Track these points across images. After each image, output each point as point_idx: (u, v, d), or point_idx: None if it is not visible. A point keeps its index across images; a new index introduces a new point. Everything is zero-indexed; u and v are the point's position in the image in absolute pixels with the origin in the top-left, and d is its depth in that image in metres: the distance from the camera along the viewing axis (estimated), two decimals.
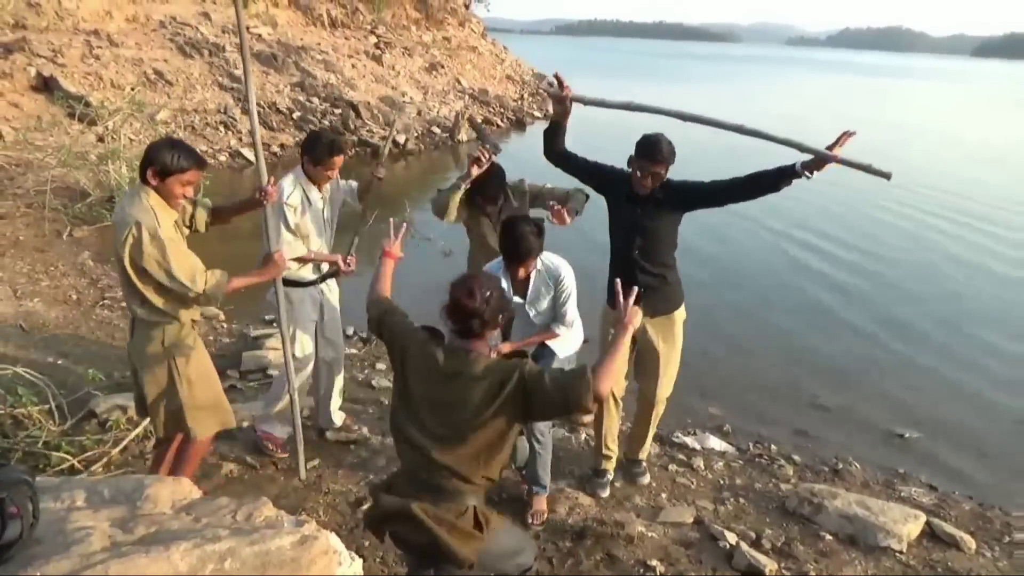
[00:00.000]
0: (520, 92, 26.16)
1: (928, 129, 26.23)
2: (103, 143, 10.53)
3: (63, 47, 13.30)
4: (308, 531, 1.75)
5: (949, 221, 11.97)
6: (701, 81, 49.18)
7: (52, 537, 1.56)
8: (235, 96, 14.73)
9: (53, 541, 1.55)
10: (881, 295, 8.31)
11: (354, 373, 5.57)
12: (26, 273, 6.73)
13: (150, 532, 1.64)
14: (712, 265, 8.87)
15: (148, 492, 1.83)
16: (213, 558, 1.53)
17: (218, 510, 1.81)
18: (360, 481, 3.89)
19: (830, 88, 48.66)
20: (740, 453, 4.80)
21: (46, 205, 8.38)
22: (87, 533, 1.57)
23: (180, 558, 1.50)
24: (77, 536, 1.55)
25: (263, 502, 1.89)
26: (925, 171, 16.07)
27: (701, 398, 5.50)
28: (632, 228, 3.58)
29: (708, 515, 3.87)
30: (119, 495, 1.83)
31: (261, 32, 17.68)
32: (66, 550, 1.49)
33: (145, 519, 1.71)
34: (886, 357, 6.67)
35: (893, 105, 37.04)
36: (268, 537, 1.66)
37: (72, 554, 1.48)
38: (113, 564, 1.42)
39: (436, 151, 16.61)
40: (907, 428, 5.35)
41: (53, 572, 1.40)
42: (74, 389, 4.48)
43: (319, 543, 1.71)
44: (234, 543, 1.59)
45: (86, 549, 1.50)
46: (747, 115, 21.89)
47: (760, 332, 7.09)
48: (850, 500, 3.94)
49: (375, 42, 22.12)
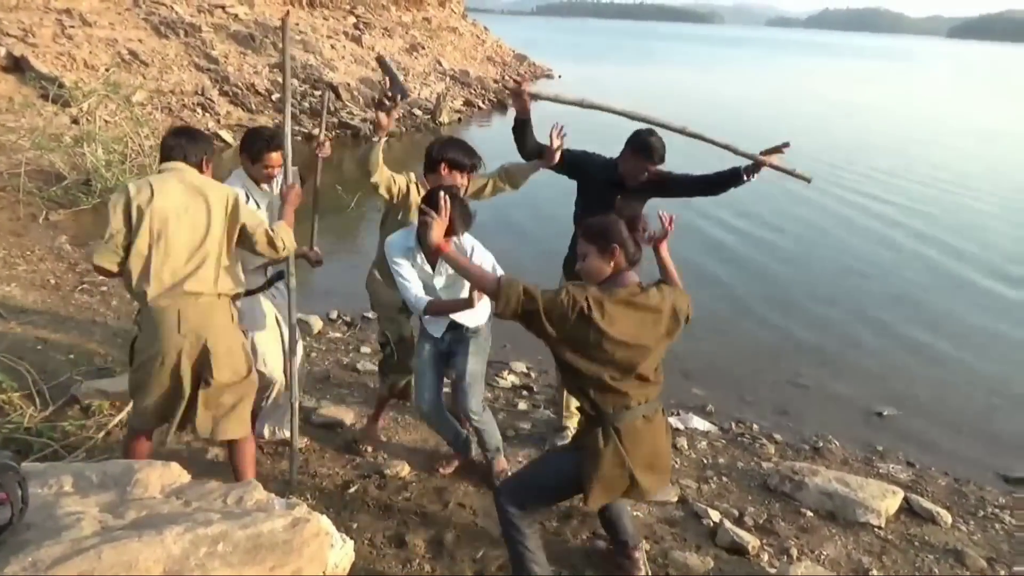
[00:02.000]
0: (501, 73, 26.01)
1: (895, 111, 26.49)
2: (77, 125, 10.35)
3: (34, 26, 13.01)
4: (299, 514, 1.76)
5: (922, 204, 12.11)
6: (687, 65, 49.15)
7: (42, 522, 1.56)
8: (212, 77, 14.52)
9: (43, 526, 1.54)
10: (859, 276, 8.42)
11: (338, 357, 5.56)
12: (2, 258, 6.62)
13: (141, 516, 1.63)
14: (692, 248, 8.92)
15: (138, 476, 1.82)
16: (205, 541, 1.53)
17: (208, 494, 1.81)
18: (347, 464, 3.89)
19: (812, 74, 48.83)
20: (723, 432, 4.87)
21: (20, 188, 8.24)
22: (77, 518, 1.56)
23: (173, 542, 1.50)
24: (67, 521, 1.55)
25: (253, 485, 1.89)
26: (914, 158, 16.26)
27: (684, 379, 5.55)
28: (610, 211, 3.60)
29: (692, 494, 3.92)
30: (108, 480, 1.82)
31: (238, 12, 17.41)
32: (57, 535, 1.49)
33: (136, 503, 1.70)
34: (865, 336, 6.78)
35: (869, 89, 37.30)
36: (260, 520, 1.66)
37: (63, 539, 1.47)
38: (106, 548, 1.42)
39: (419, 133, 16.50)
40: (885, 406, 5.44)
41: (45, 557, 1.40)
42: (55, 375, 4.43)
43: (310, 526, 1.72)
44: (226, 527, 1.59)
45: (77, 534, 1.49)
46: (732, 101, 21.82)
47: (740, 313, 7.17)
48: (830, 477, 4.01)
49: (354, 22, 21.87)
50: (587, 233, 2.65)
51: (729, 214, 10.69)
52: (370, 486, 3.68)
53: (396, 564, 3.13)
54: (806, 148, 16.20)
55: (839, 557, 3.47)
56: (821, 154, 15.27)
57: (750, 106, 24.36)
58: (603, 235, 2.58)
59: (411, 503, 3.57)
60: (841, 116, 22.90)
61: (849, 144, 17.62)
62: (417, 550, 3.22)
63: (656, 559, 3.30)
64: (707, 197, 4.11)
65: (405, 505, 3.54)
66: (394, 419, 4.43)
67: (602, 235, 2.58)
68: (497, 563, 3.17)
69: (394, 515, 3.45)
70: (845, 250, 9.36)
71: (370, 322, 6.33)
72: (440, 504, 3.58)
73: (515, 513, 2.70)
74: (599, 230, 2.61)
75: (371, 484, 3.70)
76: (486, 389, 4.88)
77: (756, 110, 22.91)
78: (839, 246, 9.53)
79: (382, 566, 3.11)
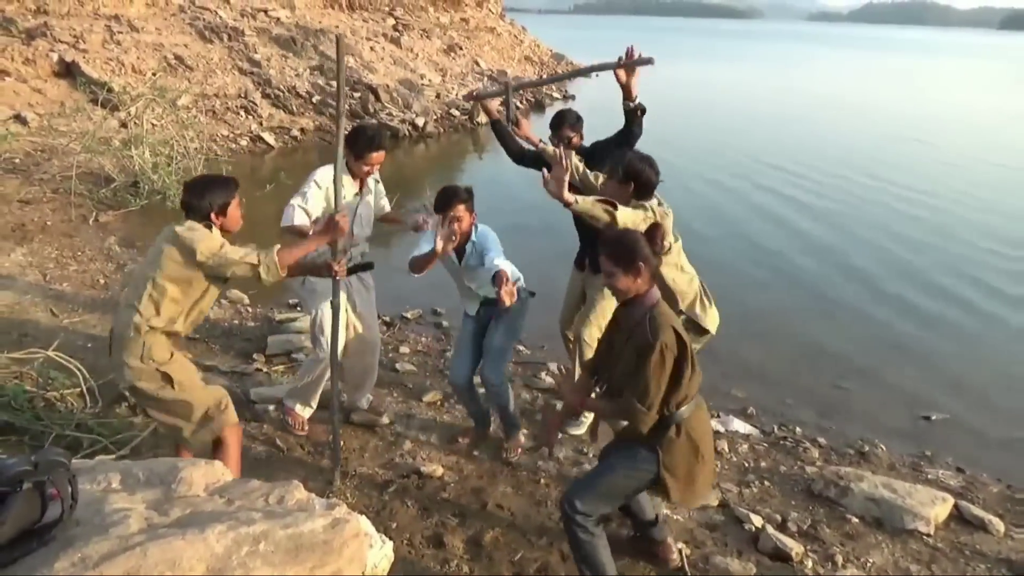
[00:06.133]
0: (539, 73, 25.98)
1: (957, 106, 25.75)
2: (126, 128, 10.61)
3: (84, 32, 13.38)
4: (339, 514, 1.77)
5: (970, 207, 11.74)
6: (721, 60, 48.47)
7: (90, 518, 1.59)
8: (255, 80, 14.76)
9: (91, 523, 1.58)
10: (903, 279, 8.19)
11: None
12: (54, 258, 6.82)
13: (185, 514, 1.66)
14: (730, 250, 8.81)
15: (182, 475, 1.85)
16: (248, 540, 1.55)
17: (250, 492, 1.84)
18: (386, 464, 3.92)
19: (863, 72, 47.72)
20: (764, 436, 4.78)
21: (72, 190, 8.48)
22: (124, 515, 1.59)
23: (216, 540, 1.52)
24: (115, 518, 1.58)
25: (294, 485, 1.91)
26: (954, 158, 15.81)
27: (723, 380, 5.47)
28: None
29: (733, 498, 3.86)
30: (153, 477, 1.86)
31: (279, 15, 17.67)
32: (105, 532, 1.52)
33: (180, 501, 1.73)
34: (908, 340, 6.60)
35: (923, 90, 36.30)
36: (300, 520, 1.68)
37: (111, 536, 1.50)
38: (151, 546, 1.44)
39: (456, 134, 16.58)
40: (932, 410, 5.29)
41: (93, 553, 1.43)
42: (104, 372, 4.54)
43: (350, 526, 1.73)
44: (268, 526, 1.61)
45: (124, 531, 1.53)
46: (780, 99, 21.36)
47: (781, 316, 7.04)
48: (876, 483, 3.92)
49: (393, 24, 22.04)
50: (611, 255, 2.70)
51: (767, 216, 10.54)
52: (409, 486, 3.71)
53: (435, 564, 3.14)
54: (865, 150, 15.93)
55: (886, 565, 3.38)
56: (872, 156, 14.95)
57: (796, 107, 23.99)
58: (627, 256, 2.66)
59: (449, 503, 3.58)
60: (895, 116, 22.40)
61: (902, 141, 17.21)
62: (455, 551, 3.23)
63: (697, 564, 3.26)
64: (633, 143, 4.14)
65: (443, 505, 3.56)
66: (432, 420, 4.45)
67: (626, 256, 2.66)
68: (535, 565, 3.17)
69: (432, 515, 3.47)
70: (888, 251, 9.12)
71: (408, 323, 6.38)
72: (478, 505, 3.58)
73: (587, 516, 2.76)
74: (623, 251, 2.68)
75: (410, 484, 3.72)
76: (524, 391, 4.92)
77: (806, 112, 22.55)
78: (881, 247, 9.29)
79: (421, 566, 3.13)
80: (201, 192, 3.08)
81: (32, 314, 5.47)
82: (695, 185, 11.91)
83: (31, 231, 7.45)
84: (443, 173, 12.33)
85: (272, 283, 3.08)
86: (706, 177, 12.52)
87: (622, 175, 3.52)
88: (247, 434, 4.08)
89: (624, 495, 2.89)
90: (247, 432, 4.11)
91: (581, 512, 2.74)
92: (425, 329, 6.26)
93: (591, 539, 2.77)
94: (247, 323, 5.91)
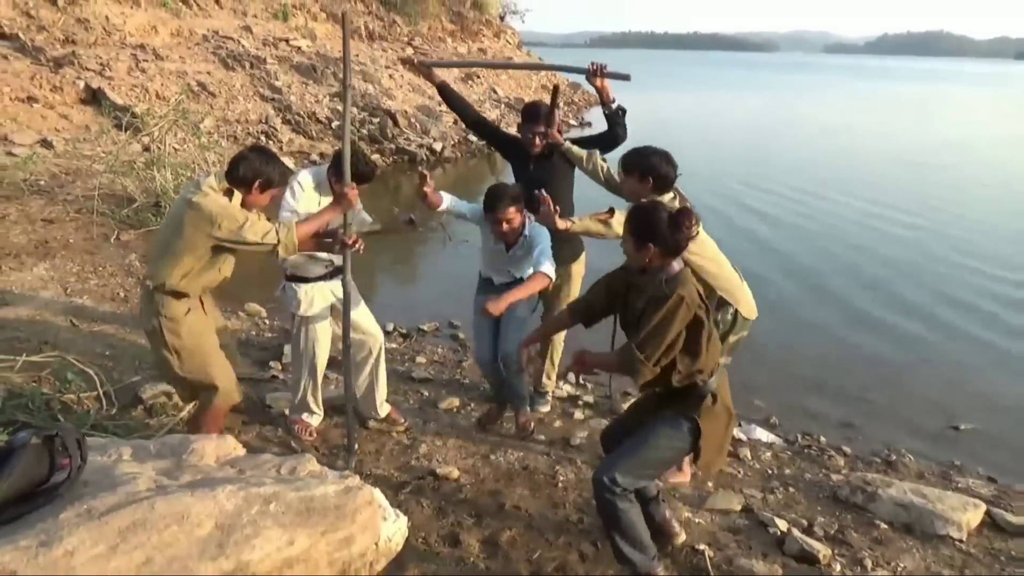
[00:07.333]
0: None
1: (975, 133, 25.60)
2: (148, 152, 10.77)
3: (111, 61, 13.67)
4: (353, 483, 1.73)
5: (1000, 225, 11.60)
6: (735, 89, 48.65)
7: (99, 480, 1.56)
8: (275, 106, 14.98)
9: (100, 484, 1.55)
10: (926, 288, 8.07)
11: (394, 367, 5.56)
12: (76, 273, 6.88)
13: (196, 479, 1.63)
14: (752, 259, 8.73)
15: (194, 446, 1.83)
16: (258, 500, 1.51)
17: (263, 464, 1.80)
18: (401, 467, 3.87)
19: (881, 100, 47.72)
20: (788, 444, 4.68)
21: (94, 210, 8.58)
22: (133, 476, 1.56)
23: (226, 498, 1.48)
24: (124, 479, 1.55)
25: (307, 458, 1.87)
26: (986, 179, 15.69)
27: (744, 390, 5.34)
28: (530, 183, 4.04)
29: (757, 503, 3.76)
30: (165, 449, 1.83)
31: (300, 44, 17.97)
32: (112, 490, 1.49)
33: (191, 468, 1.70)
34: (933, 350, 6.47)
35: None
36: (312, 485, 1.64)
37: (118, 492, 1.47)
38: (159, 500, 1.41)
39: (473, 159, 16.69)
40: (960, 419, 5.16)
41: (99, 505, 1.40)
42: (121, 379, 4.56)
43: (363, 493, 1.68)
44: (279, 488, 1.57)
45: (132, 489, 1.49)
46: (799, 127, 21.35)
47: (802, 324, 6.94)
48: (905, 488, 3.80)
49: (412, 53, 22.32)
50: (629, 221, 2.77)
51: (790, 230, 10.46)
52: (425, 487, 3.64)
53: (450, 562, 3.07)
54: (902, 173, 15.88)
55: (917, 570, 3.26)
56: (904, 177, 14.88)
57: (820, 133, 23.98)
58: (640, 228, 2.71)
59: (466, 504, 3.51)
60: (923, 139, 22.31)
61: (938, 167, 17.10)
62: (471, 549, 3.15)
63: (720, 566, 3.16)
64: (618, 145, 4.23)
65: (460, 506, 3.49)
66: (449, 425, 4.39)
67: (639, 228, 2.71)
68: (553, 564, 3.08)
69: (448, 515, 3.41)
70: (911, 262, 9.01)
71: (425, 335, 6.35)
72: (495, 506, 3.51)
73: (626, 488, 2.76)
74: (639, 222, 2.73)
75: (426, 485, 3.66)
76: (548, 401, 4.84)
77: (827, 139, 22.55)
78: (905, 258, 9.18)
79: (436, 563, 3.05)
80: (268, 160, 3.15)
81: (53, 324, 5.50)
82: (715, 203, 11.87)
83: (54, 248, 7.53)
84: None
85: (285, 253, 3.14)
86: (726, 196, 12.48)
87: (640, 172, 3.51)
88: (261, 437, 4.06)
89: (662, 467, 2.93)
90: (261, 435, 4.09)
91: (621, 485, 2.72)
92: (442, 341, 6.23)
93: (630, 509, 2.77)
94: (264, 334, 5.91)
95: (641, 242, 2.68)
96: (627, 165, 3.58)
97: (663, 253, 2.67)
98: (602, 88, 4.14)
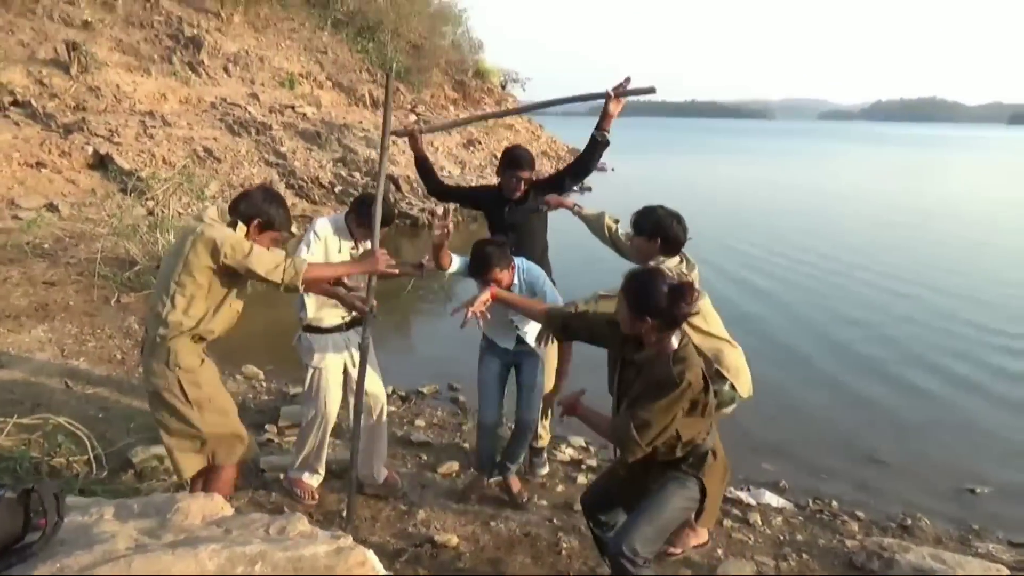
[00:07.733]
0: (556, 167, 26.59)
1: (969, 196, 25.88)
2: (152, 216, 10.86)
3: (119, 127, 13.94)
4: (344, 543, 1.63)
5: (1007, 283, 11.59)
6: (732, 156, 49.47)
7: (76, 539, 1.48)
8: (280, 171, 15.19)
9: (76, 543, 1.46)
10: (935, 346, 7.98)
11: (392, 430, 5.45)
12: (74, 335, 6.83)
13: (179, 539, 1.54)
14: (756, 318, 8.68)
15: (179, 505, 1.74)
16: (243, 560, 1.42)
17: (250, 524, 1.71)
18: (398, 533, 3.73)
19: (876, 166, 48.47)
20: (799, 509, 4.52)
21: (96, 273, 8.59)
22: (112, 535, 1.47)
23: (208, 558, 1.39)
24: (102, 538, 1.46)
25: (297, 517, 1.78)
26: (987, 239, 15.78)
27: (752, 453, 5.23)
28: (503, 227, 4.21)
29: (769, 570, 3.62)
30: (149, 508, 1.74)
31: (306, 111, 18.34)
32: (89, 548, 1.40)
33: (175, 528, 1.61)
34: (943, 407, 6.35)
35: None
36: (302, 545, 1.54)
37: (95, 551, 1.38)
38: (136, 558, 1.32)
39: (475, 223, 16.80)
40: (976, 483, 5.00)
41: (73, 564, 1.31)
42: (114, 442, 4.45)
43: (356, 554, 1.59)
44: (266, 547, 1.47)
45: (110, 547, 1.41)
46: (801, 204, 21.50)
47: (810, 385, 6.82)
48: (923, 554, 3.65)
49: (414, 120, 22.78)
50: (625, 288, 2.65)
51: (795, 291, 10.42)
52: (422, 555, 3.51)
53: None
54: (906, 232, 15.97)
55: None
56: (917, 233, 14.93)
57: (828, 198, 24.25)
58: (638, 302, 2.59)
59: (465, 573, 3.37)
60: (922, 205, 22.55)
61: (957, 240, 17.22)
62: None
63: None
64: (587, 174, 4.41)
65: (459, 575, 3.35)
66: (447, 490, 4.26)
67: (637, 302, 2.59)
68: None
69: None
70: (919, 320, 8.94)
71: (424, 397, 6.24)
72: (495, 575, 3.36)
73: (647, 559, 2.66)
74: (635, 292, 2.61)
75: (423, 553, 3.53)
76: (546, 462, 4.74)
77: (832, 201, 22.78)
78: (912, 316, 9.13)
79: None
80: (271, 201, 3.08)
81: (47, 386, 5.42)
82: (723, 263, 11.89)
83: (53, 310, 7.51)
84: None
85: (287, 289, 2.99)
86: (735, 257, 12.50)
87: (649, 231, 3.48)
88: (255, 502, 3.93)
89: (673, 528, 2.85)
90: (255, 500, 3.96)
91: (643, 556, 2.62)
92: (441, 404, 6.11)
93: None
94: (261, 396, 5.82)
95: (638, 314, 2.57)
96: (637, 224, 3.53)
97: (660, 327, 2.57)
98: (612, 113, 4.14)
